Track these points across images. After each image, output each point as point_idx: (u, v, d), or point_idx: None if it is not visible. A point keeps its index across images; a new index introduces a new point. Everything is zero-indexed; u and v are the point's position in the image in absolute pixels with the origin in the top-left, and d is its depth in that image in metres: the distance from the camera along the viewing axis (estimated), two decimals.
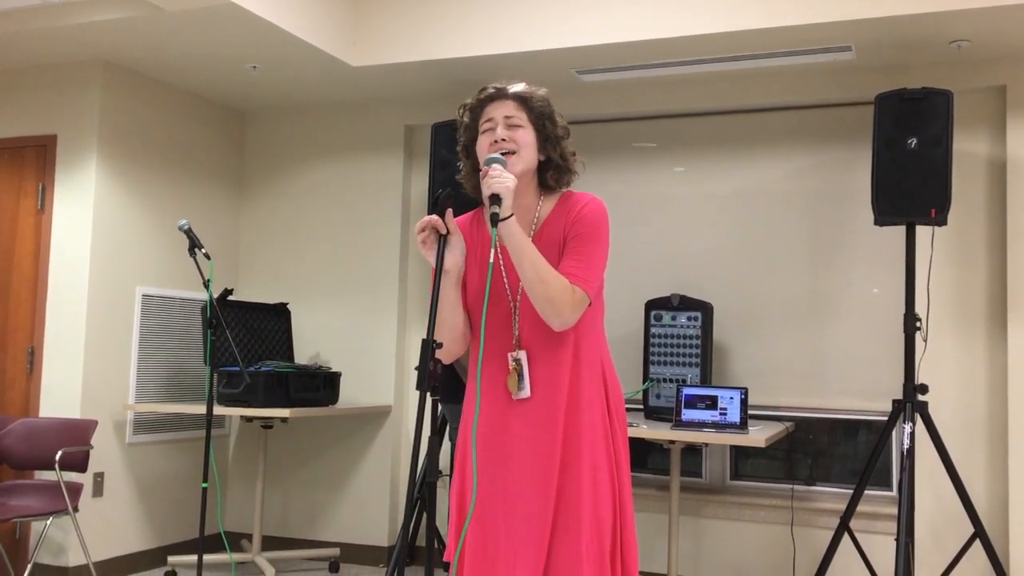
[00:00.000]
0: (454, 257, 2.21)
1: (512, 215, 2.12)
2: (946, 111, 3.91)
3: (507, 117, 2.24)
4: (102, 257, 4.76)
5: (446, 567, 2.27)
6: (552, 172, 2.29)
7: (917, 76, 4.43)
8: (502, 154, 2.20)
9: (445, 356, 2.29)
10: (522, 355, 2.21)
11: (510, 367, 2.22)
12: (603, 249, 2.24)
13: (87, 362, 4.65)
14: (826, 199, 4.74)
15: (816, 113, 4.79)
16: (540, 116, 2.27)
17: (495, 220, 2.09)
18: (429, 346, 2.06)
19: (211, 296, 3.91)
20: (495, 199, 2.10)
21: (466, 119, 2.33)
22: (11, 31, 4.36)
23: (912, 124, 3.94)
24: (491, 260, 2.10)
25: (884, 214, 3.98)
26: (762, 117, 4.88)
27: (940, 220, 3.92)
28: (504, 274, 2.26)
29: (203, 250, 3.95)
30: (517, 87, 2.28)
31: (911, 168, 3.93)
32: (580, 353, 2.22)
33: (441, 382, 2.09)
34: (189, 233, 3.99)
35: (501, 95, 2.28)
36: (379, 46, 4.74)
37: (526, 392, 2.20)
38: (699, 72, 4.66)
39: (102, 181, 4.77)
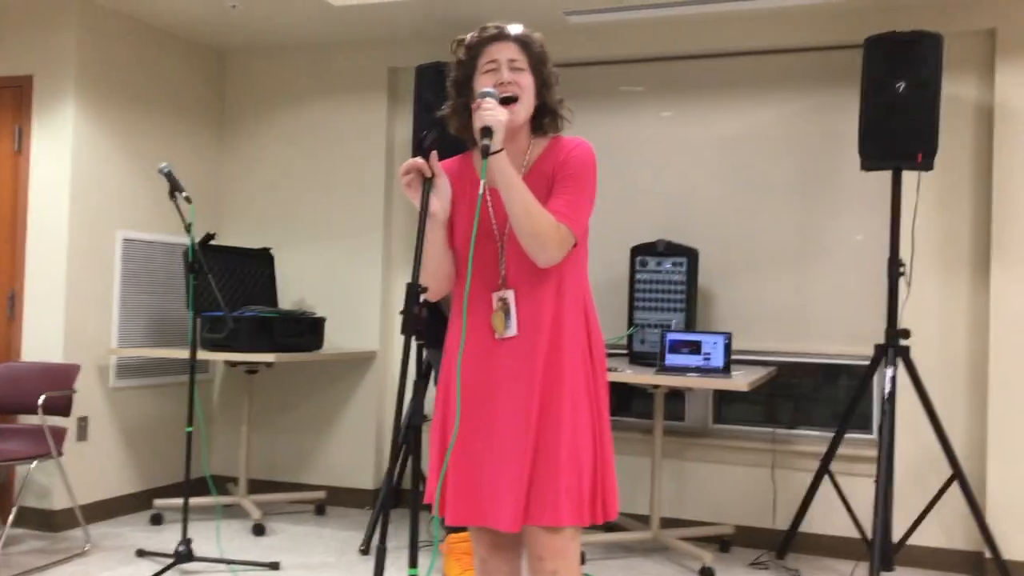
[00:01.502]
0: (440, 200, 2.21)
1: (502, 149, 2.12)
2: (936, 55, 3.88)
3: (511, 60, 2.24)
4: (82, 200, 4.69)
5: (429, 508, 2.29)
6: (548, 117, 2.30)
7: (907, 19, 4.39)
8: (504, 100, 2.19)
9: (431, 295, 2.31)
10: (509, 294, 2.22)
11: (495, 306, 2.23)
12: (590, 191, 2.25)
13: (69, 307, 4.61)
14: (813, 144, 4.72)
15: (805, 56, 4.74)
16: (539, 61, 2.27)
17: (486, 152, 2.08)
18: (414, 290, 2.04)
19: (193, 240, 3.87)
20: (487, 132, 2.10)
21: (461, 55, 2.30)
22: None
23: (901, 68, 3.91)
24: (480, 192, 2.11)
25: (871, 159, 3.97)
26: (750, 60, 4.83)
27: (927, 165, 3.91)
28: (492, 213, 2.26)
29: (184, 194, 3.90)
30: (518, 29, 2.27)
31: (899, 112, 3.90)
32: (564, 294, 2.24)
33: (426, 326, 2.08)
34: (169, 176, 3.93)
35: (504, 36, 2.26)
36: None
37: (513, 331, 2.21)
38: (688, 14, 4.60)
39: (80, 123, 4.69)
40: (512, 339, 2.22)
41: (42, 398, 4.15)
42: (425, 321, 2.09)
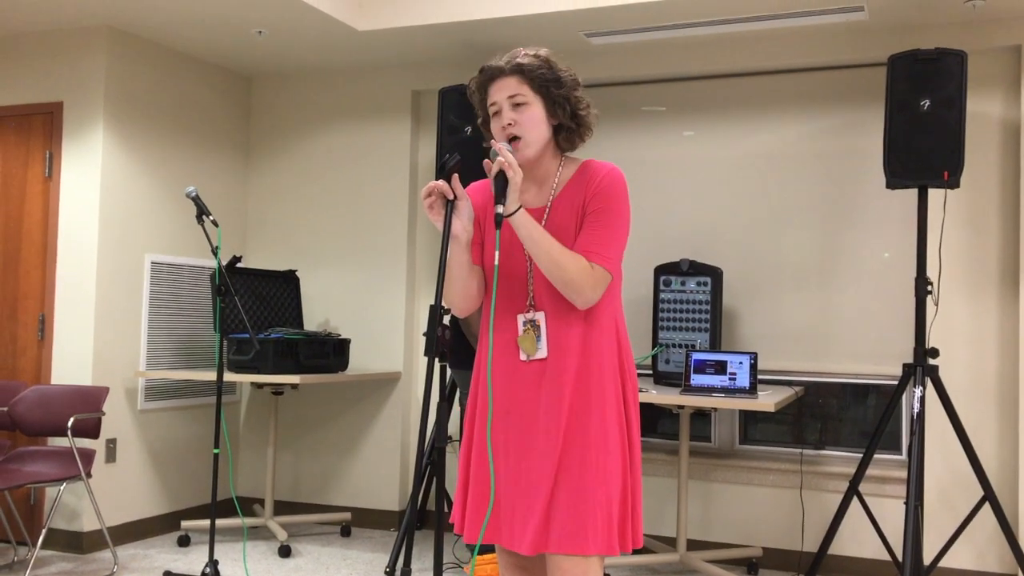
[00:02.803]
0: (462, 222, 2.19)
1: (520, 208, 2.11)
2: (960, 72, 3.86)
3: (510, 97, 2.20)
4: (110, 224, 4.76)
5: (452, 528, 2.29)
6: (564, 135, 2.25)
7: (931, 36, 4.37)
8: (510, 141, 2.18)
9: (459, 312, 2.31)
10: (539, 316, 2.21)
11: (521, 329, 2.21)
12: (623, 223, 2.22)
13: (98, 329, 4.66)
14: (837, 162, 4.70)
15: (828, 75, 4.73)
16: (543, 83, 2.20)
17: (499, 221, 2.06)
18: (437, 312, 2.05)
19: (219, 263, 3.91)
20: (499, 196, 2.09)
21: (476, 99, 2.29)
22: None
23: (925, 85, 3.89)
24: (495, 263, 2.11)
25: (896, 177, 3.94)
26: (773, 79, 4.83)
27: (953, 183, 3.88)
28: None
29: (211, 217, 3.94)
30: (515, 59, 2.22)
31: (924, 130, 3.88)
32: (594, 317, 2.21)
33: (450, 348, 2.09)
34: (196, 200, 3.98)
35: (499, 73, 2.22)
36: (385, 10, 4.69)
37: (543, 352, 2.19)
38: (709, 34, 4.61)
39: (109, 148, 4.76)
40: (539, 361, 2.20)
41: (71, 420, 4.19)
42: (449, 342, 2.10)
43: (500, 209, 2.06)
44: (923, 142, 3.88)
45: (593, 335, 2.20)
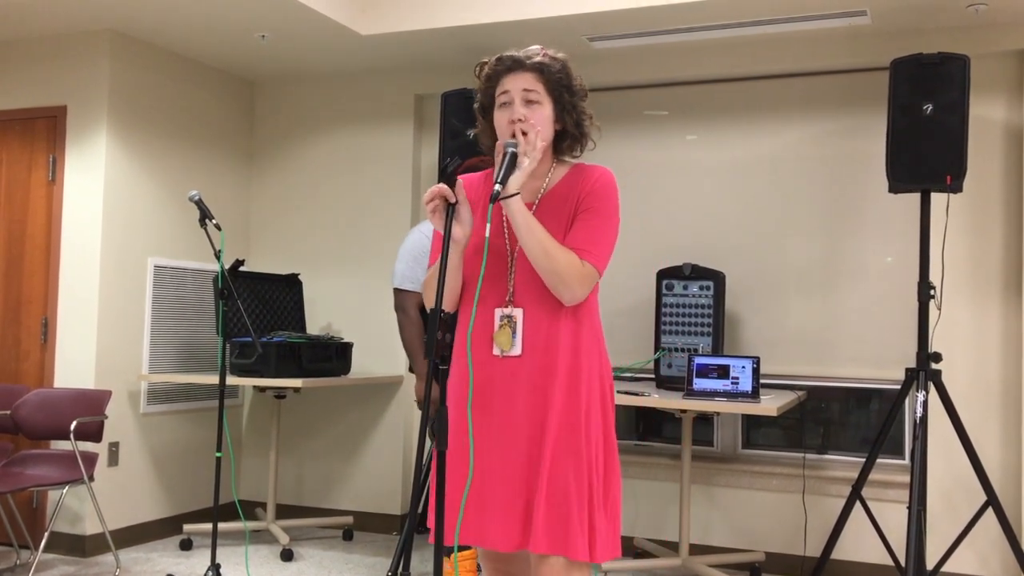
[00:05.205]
0: (462, 227, 2.19)
1: (517, 193, 2.11)
2: (962, 76, 3.86)
3: (525, 91, 2.21)
4: (114, 228, 4.76)
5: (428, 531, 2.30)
6: (568, 142, 2.29)
7: (933, 41, 4.37)
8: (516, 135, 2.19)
9: (447, 308, 2.30)
10: (517, 312, 2.20)
11: (497, 324, 2.20)
12: (614, 224, 2.24)
13: (101, 333, 4.67)
14: (840, 166, 4.70)
15: (831, 79, 4.73)
16: (558, 87, 2.23)
17: (495, 196, 2.07)
18: (437, 315, 2.05)
19: (222, 267, 3.91)
20: (503, 176, 2.10)
21: (481, 83, 2.30)
22: (19, 1, 4.33)
23: (928, 90, 3.89)
24: (487, 235, 2.10)
25: (899, 181, 3.94)
26: (776, 84, 4.83)
27: (955, 187, 3.87)
28: (505, 228, 2.26)
29: (213, 221, 3.94)
30: (535, 56, 2.24)
31: (927, 134, 3.88)
32: (580, 316, 2.22)
33: (450, 351, 2.09)
34: (200, 204, 3.98)
35: (519, 66, 2.23)
36: (388, 14, 4.70)
37: (516, 350, 2.18)
38: (712, 38, 4.61)
39: (112, 152, 4.77)
40: (514, 358, 2.18)
41: (74, 424, 4.19)
42: (449, 346, 2.10)
43: (498, 187, 2.07)
44: (926, 146, 3.88)
45: (584, 335, 2.20)
